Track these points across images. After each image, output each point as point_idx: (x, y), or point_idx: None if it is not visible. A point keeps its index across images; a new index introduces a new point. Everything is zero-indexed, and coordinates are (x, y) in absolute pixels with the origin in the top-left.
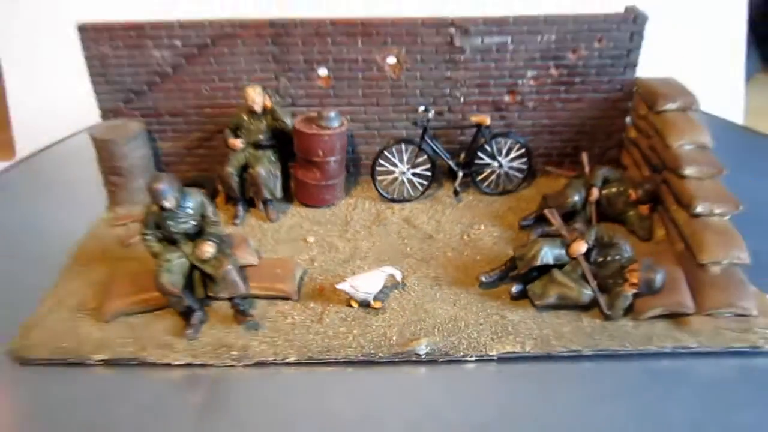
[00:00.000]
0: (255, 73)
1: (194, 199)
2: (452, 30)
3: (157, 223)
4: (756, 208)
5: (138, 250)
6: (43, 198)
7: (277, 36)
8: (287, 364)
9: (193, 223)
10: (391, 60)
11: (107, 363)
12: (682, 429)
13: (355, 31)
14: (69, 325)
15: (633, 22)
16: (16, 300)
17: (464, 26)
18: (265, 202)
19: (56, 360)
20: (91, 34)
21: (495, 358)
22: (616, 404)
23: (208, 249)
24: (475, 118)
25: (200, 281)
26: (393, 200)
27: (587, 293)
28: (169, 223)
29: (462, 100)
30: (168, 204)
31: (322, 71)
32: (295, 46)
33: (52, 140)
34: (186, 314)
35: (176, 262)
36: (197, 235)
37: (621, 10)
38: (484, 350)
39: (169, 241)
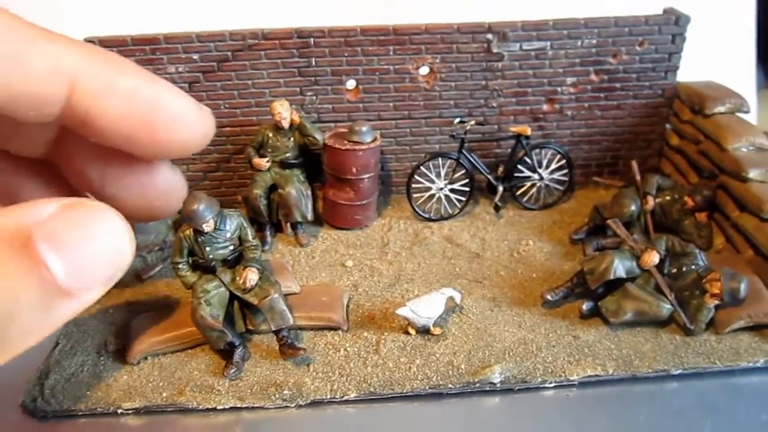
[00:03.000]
0: (278, 88)
1: (233, 221)
2: (489, 36)
3: (191, 249)
4: None
5: (157, 284)
6: None
7: (304, 46)
8: (347, 401)
9: (232, 247)
10: (425, 70)
11: (139, 411)
12: None
13: (387, 39)
14: (90, 369)
15: (675, 24)
16: None
17: (502, 31)
18: (294, 225)
19: (81, 411)
20: None
21: (576, 382)
22: (710, 427)
23: (252, 276)
24: (515, 129)
25: (239, 313)
26: (430, 219)
27: (667, 307)
28: (206, 248)
29: (498, 110)
30: (207, 227)
31: (350, 83)
32: (322, 56)
33: None
34: (227, 351)
35: (214, 292)
36: (235, 261)
37: (659, 11)
38: (563, 375)
39: (205, 269)
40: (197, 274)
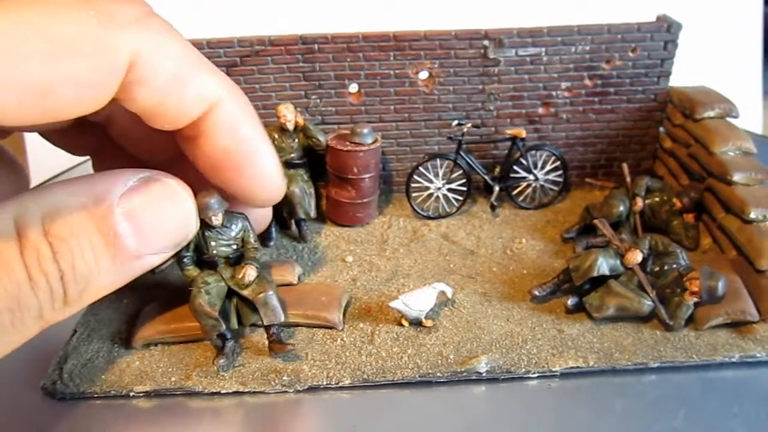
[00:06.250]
0: (284, 91)
1: (238, 223)
2: (486, 42)
3: (198, 244)
4: None
5: (169, 277)
6: None
7: (308, 52)
8: (341, 387)
9: (234, 247)
10: (424, 74)
11: (150, 394)
12: None
13: (388, 45)
14: (105, 355)
15: (667, 31)
16: (45, 331)
17: (498, 38)
18: (298, 222)
19: (96, 394)
20: None
21: (558, 373)
22: (682, 417)
23: (251, 272)
24: (511, 131)
25: (234, 312)
26: (428, 217)
27: (648, 303)
28: (211, 243)
29: (495, 113)
30: (215, 220)
31: (353, 87)
32: (325, 61)
33: (70, 164)
34: (218, 344)
35: (214, 285)
36: (236, 261)
37: (653, 18)
38: (546, 366)
39: (207, 264)
40: (200, 270)
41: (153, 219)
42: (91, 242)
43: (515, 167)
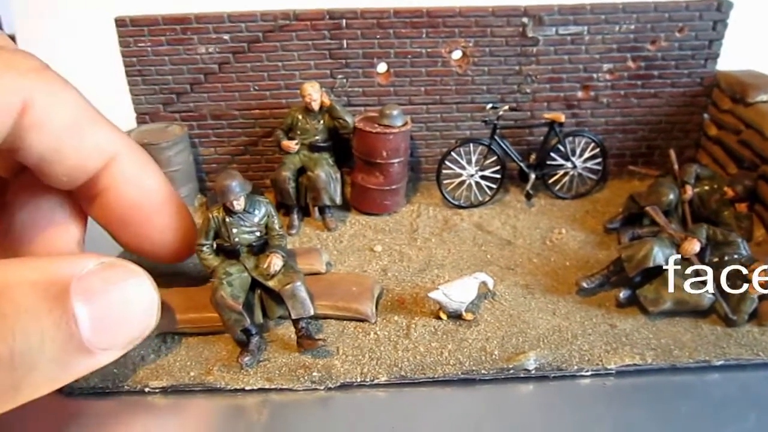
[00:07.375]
0: (309, 70)
1: (261, 208)
2: (525, 19)
3: (218, 231)
4: None
5: (187, 264)
6: None
7: (335, 27)
8: (377, 385)
9: (258, 234)
10: (457, 54)
11: (167, 390)
12: None
13: (420, 22)
14: None
15: (717, 10)
16: None
17: (538, 15)
18: (322, 209)
19: (108, 389)
20: (130, 29)
21: (613, 371)
22: (754, 419)
23: (276, 261)
24: (548, 116)
25: (259, 304)
26: (460, 206)
27: (708, 296)
28: (233, 230)
29: (532, 96)
30: (237, 205)
31: (382, 67)
32: (353, 38)
33: None
34: (242, 339)
35: (237, 275)
36: (260, 249)
37: None
38: (600, 363)
39: (229, 253)
40: (220, 259)
41: (112, 308)
42: (40, 324)
43: (552, 154)
